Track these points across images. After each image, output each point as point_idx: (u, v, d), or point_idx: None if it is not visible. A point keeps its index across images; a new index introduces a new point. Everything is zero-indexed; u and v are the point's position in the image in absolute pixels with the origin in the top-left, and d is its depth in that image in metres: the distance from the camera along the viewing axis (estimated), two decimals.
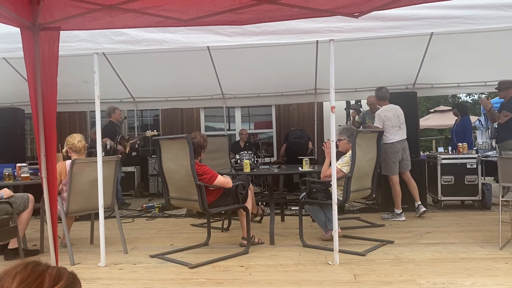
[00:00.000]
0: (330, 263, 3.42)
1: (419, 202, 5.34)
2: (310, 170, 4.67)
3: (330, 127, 3.46)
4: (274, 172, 4.79)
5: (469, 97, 25.33)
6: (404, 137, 5.37)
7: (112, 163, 4.09)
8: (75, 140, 4.08)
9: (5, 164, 4.64)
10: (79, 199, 3.86)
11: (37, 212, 4.26)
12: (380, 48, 6.32)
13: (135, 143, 7.37)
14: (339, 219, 3.62)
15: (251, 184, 4.28)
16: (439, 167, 5.78)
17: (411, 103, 5.89)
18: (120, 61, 6.93)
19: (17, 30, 2.87)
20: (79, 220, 4.87)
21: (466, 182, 5.71)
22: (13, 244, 3.70)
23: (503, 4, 3.20)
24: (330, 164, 3.85)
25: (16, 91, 7.22)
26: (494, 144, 8.17)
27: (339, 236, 3.55)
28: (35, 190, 4.02)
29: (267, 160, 7.93)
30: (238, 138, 8.51)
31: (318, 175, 4.48)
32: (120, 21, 3.00)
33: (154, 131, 7.23)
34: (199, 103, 8.72)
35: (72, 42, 3.52)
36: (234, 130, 9.62)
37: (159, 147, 3.93)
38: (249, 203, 4.05)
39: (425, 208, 5.30)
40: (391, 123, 5.28)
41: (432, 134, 21.71)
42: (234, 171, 4.79)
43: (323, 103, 8.55)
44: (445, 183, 5.77)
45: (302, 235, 4.10)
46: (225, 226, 4.91)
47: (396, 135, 5.31)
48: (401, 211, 5.24)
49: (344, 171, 3.98)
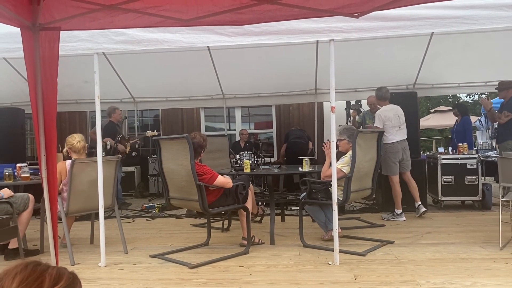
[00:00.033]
0: (330, 263, 3.42)
1: (419, 202, 5.34)
2: (310, 170, 4.67)
3: (330, 127, 3.46)
4: (274, 172, 4.79)
5: (469, 97, 25.34)
6: (405, 137, 5.37)
7: (112, 163, 4.09)
8: (74, 140, 4.08)
9: (5, 164, 4.64)
10: (79, 199, 3.86)
11: (37, 212, 4.26)
12: (380, 48, 6.32)
13: (136, 143, 7.38)
14: (339, 219, 3.62)
15: (251, 184, 4.28)
16: (439, 167, 5.78)
17: (412, 103, 5.89)
18: (120, 61, 6.93)
19: (17, 30, 2.87)
20: (79, 220, 4.87)
21: (466, 182, 5.71)
22: (13, 244, 3.71)
23: (503, 4, 3.20)
24: (330, 164, 3.85)
25: (16, 91, 7.22)
26: (494, 144, 8.17)
27: (339, 236, 3.55)
28: (35, 190, 4.02)
29: (267, 160, 7.93)
30: (238, 138, 8.51)
31: (318, 175, 4.48)
32: (121, 21, 3.00)
33: (155, 131, 7.23)
34: (199, 103, 8.72)
35: (72, 42, 3.52)
36: (234, 130, 9.62)
37: (159, 147, 3.93)
38: (249, 203, 4.05)
39: (425, 208, 5.30)
40: (391, 123, 5.28)
41: (432, 134, 21.71)
42: (234, 171, 4.78)
43: (323, 103, 8.54)
44: (445, 183, 5.77)
45: (302, 235, 4.10)
46: (225, 226, 4.91)
47: (396, 135, 5.30)
48: (401, 211, 5.24)
49: (344, 171, 3.98)
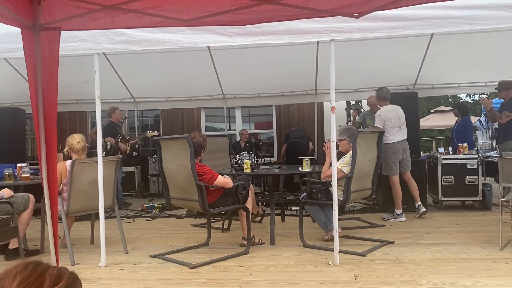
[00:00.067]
0: (330, 263, 3.42)
1: (420, 203, 5.34)
2: (311, 170, 4.67)
3: (331, 128, 3.46)
4: (275, 172, 4.79)
5: (469, 97, 25.33)
6: (405, 137, 5.37)
7: (112, 163, 4.09)
8: (74, 141, 4.09)
9: (5, 164, 4.64)
10: (79, 199, 3.86)
11: (37, 212, 4.27)
12: (380, 48, 6.32)
13: (136, 143, 7.38)
14: (339, 219, 3.62)
15: (251, 184, 4.28)
16: (439, 168, 5.78)
17: (412, 104, 5.89)
18: (120, 61, 6.93)
19: (17, 30, 2.87)
20: (80, 220, 4.87)
21: (466, 183, 5.71)
22: (13, 244, 3.71)
23: (504, 4, 3.20)
24: (330, 164, 3.85)
25: (16, 91, 7.22)
26: (494, 144, 8.16)
27: (339, 237, 3.55)
28: (36, 190, 4.02)
29: (267, 160, 7.93)
30: (238, 138, 8.52)
31: (318, 175, 4.48)
32: (121, 21, 3.00)
33: (155, 131, 7.23)
34: (199, 103, 8.72)
35: (72, 42, 3.52)
36: (235, 130, 9.62)
37: (159, 147, 3.93)
38: (249, 203, 4.05)
39: (425, 209, 5.30)
40: (391, 123, 5.28)
41: (432, 135, 21.71)
42: (234, 171, 4.78)
43: (324, 103, 8.54)
44: (445, 183, 5.77)
45: (302, 236, 4.10)
46: (225, 226, 4.91)
47: (396, 135, 5.30)
48: (401, 211, 5.24)
49: (344, 171, 3.97)
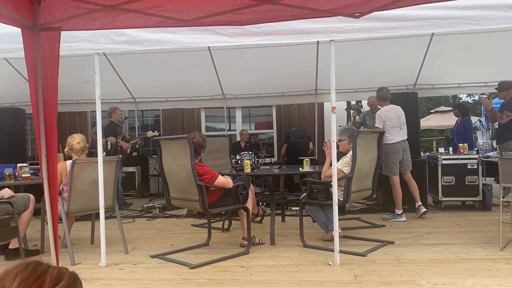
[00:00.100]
0: (330, 263, 3.42)
1: (420, 203, 5.33)
2: (311, 170, 4.67)
3: (331, 128, 3.46)
4: (275, 173, 4.79)
5: (470, 97, 25.34)
6: (405, 137, 5.37)
7: (112, 163, 4.09)
8: (74, 141, 4.09)
9: (6, 164, 4.64)
10: (79, 199, 3.87)
11: (37, 212, 4.27)
12: (380, 48, 6.32)
13: (136, 143, 7.38)
14: (339, 219, 3.62)
15: (251, 185, 4.28)
16: (439, 168, 5.78)
17: (412, 104, 5.89)
18: (121, 61, 6.94)
19: (18, 30, 2.87)
20: (80, 220, 4.87)
21: (466, 183, 5.71)
22: (14, 244, 3.71)
23: (504, 4, 3.20)
24: (330, 164, 3.85)
25: (17, 91, 7.23)
26: (494, 144, 8.16)
27: (339, 237, 3.55)
28: (36, 190, 4.02)
29: (267, 160, 7.93)
30: (238, 138, 8.52)
31: (318, 175, 4.48)
32: (121, 21, 3.00)
33: (155, 132, 7.24)
34: (199, 103, 8.73)
35: (73, 43, 3.53)
36: (235, 130, 9.63)
37: (159, 147, 3.93)
38: (249, 204, 4.05)
39: (425, 209, 5.30)
40: (391, 123, 5.28)
41: (432, 135, 21.71)
42: (234, 171, 4.79)
43: (324, 103, 8.54)
44: (445, 183, 5.76)
45: (302, 236, 4.10)
46: (225, 227, 4.91)
47: (396, 135, 5.30)
48: (401, 211, 5.23)
49: (344, 171, 3.97)
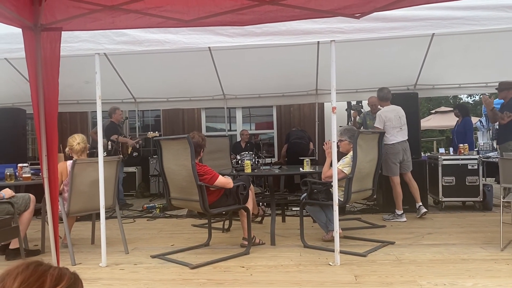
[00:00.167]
0: (331, 264, 3.42)
1: (420, 203, 5.33)
2: (311, 171, 4.67)
3: (331, 128, 3.46)
4: (275, 173, 4.79)
5: (470, 98, 25.32)
6: (405, 138, 5.37)
7: (113, 163, 4.09)
8: (74, 142, 4.09)
9: (6, 164, 4.64)
10: (80, 199, 3.87)
11: (38, 212, 4.27)
12: (381, 49, 6.32)
13: (137, 143, 7.38)
14: (340, 220, 3.62)
15: (251, 185, 4.28)
16: (440, 168, 5.78)
17: (412, 104, 5.89)
18: (121, 61, 6.93)
19: (19, 30, 2.87)
20: (80, 220, 4.88)
21: (467, 183, 5.71)
22: (14, 244, 3.71)
23: (505, 5, 3.20)
24: (331, 164, 3.85)
25: (17, 92, 7.23)
26: (495, 145, 8.16)
27: (340, 237, 3.55)
28: (36, 190, 4.03)
29: (268, 160, 7.92)
30: (239, 138, 8.52)
31: (319, 176, 4.48)
32: (122, 21, 3.00)
33: (156, 132, 7.24)
34: (200, 103, 8.73)
35: (73, 43, 3.53)
36: (235, 130, 9.63)
37: (160, 147, 3.93)
38: (249, 204, 4.05)
39: (426, 209, 5.30)
40: (392, 124, 5.28)
41: (433, 135, 21.71)
42: (235, 171, 4.79)
43: (324, 103, 8.55)
44: (446, 184, 5.76)
45: (303, 236, 4.10)
46: (226, 227, 4.91)
47: (397, 136, 5.30)
48: (402, 212, 5.23)
49: (345, 172, 3.97)
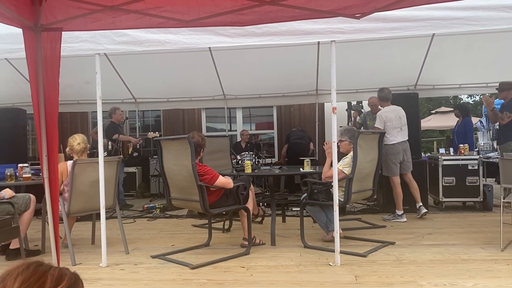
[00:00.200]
0: (331, 264, 3.42)
1: (420, 203, 5.33)
2: (311, 171, 4.67)
3: (332, 128, 3.46)
4: (275, 173, 4.79)
5: (470, 98, 25.31)
6: (406, 138, 5.37)
7: (113, 163, 4.10)
8: (74, 142, 4.09)
9: (7, 164, 4.65)
10: (80, 199, 3.87)
11: (38, 213, 4.27)
12: (381, 49, 6.32)
13: (138, 143, 7.38)
14: (340, 220, 3.62)
15: (252, 185, 4.28)
16: (440, 168, 5.77)
17: (413, 104, 5.89)
18: (122, 62, 6.94)
19: (19, 30, 2.87)
20: (81, 220, 4.88)
21: (467, 184, 5.71)
22: (14, 244, 3.71)
23: (505, 5, 3.20)
24: (331, 165, 3.84)
25: (18, 92, 7.23)
26: (495, 145, 8.16)
27: (340, 237, 3.55)
28: (37, 190, 4.03)
29: (268, 161, 7.93)
30: (239, 139, 8.52)
31: (319, 176, 4.48)
32: (122, 22, 3.00)
33: (156, 133, 7.24)
34: (200, 103, 8.73)
35: (74, 43, 3.53)
36: (236, 131, 9.63)
37: (160, 147, 3.93)
38: (250, 204, 4.05)
39: (426, 210, 5.30)
40: (392, 124, 5.28)
41: (433, 135, 21.71)
42: (235, 171, 4.79)
43: (324, 104, 8.54)
44: (446, 184, 5.76)
45: (303, 236, 4.10)
46: (226, 227, 4.91)
47: (397, 136, 5.30)
48: (402, 212, 5.23)
49: (345, 172, 3.97)
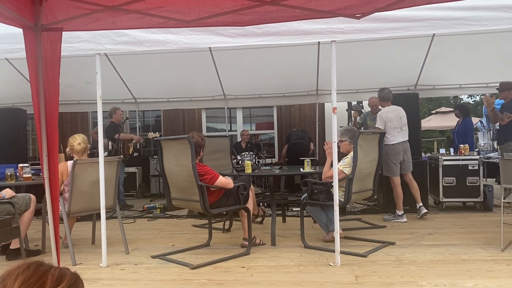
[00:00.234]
0: (331, 264, 3.42)
1: (421, 204, 5.33)
2: (312, 171, 4.67)
3: (332, 128, 3.46)
4: (276, 173, 4.79)
5: (470, 98, 25.32)
6: (406, 138, 5.36)
7: (113, 163, 4.10)
8: (75, 142, 4.10)
9: (7, 164, 4.65)
10: (80, 199, 3.87)
11: (38, 213, 4.27)
12: (381, 49, 6.32)
13: (138, 143, 7.38)
14: (340, 220, 3.62)
15: (252, 185, 4.28)
16: (440, 169, 5.77)
17: (413, 104, 5.89)
18: (122, 62, 6.93)
19: (19, 30, 2.87)
20: (81, 220, 4.88)
21: (467, 184, 5.70)
22: (15, 244, 3.71)
23: (505, 5, 3.19)
24: (331, 165, 3.84)
25: (18, 92, 7.24)
26: (495, 145, 8.16)
27: (340, 237, 3.55)
28: (37, 190, 4.03)
29: (268, 161, 7.93)
30: (239, 139, 8.52)
31: (319, 176, 4.48)
32: (122, 22, 3.00)
33: (156, 133, 7.25)
34: (200, 104, 8.73)
35: (74, 43, 3.53)
36: (236, 131, 9.63)
37: (160, 147, 3.93)
38: (250, 204, 4.05)
39: (426, 210, 5.30)
40: (392, 124, 5.28)
41: (433, 136, 21.70)
42: (235, 171, 4.79)
43: (325, 104, 8.54)
44: (446, 184, 5.76)
45: (303, 236, 4.10)
46: (226, 227, 4.91)
47: (397, 136, 5.30)
48: (402, 212, 5.23)
49: (345, 172, 3.97)
